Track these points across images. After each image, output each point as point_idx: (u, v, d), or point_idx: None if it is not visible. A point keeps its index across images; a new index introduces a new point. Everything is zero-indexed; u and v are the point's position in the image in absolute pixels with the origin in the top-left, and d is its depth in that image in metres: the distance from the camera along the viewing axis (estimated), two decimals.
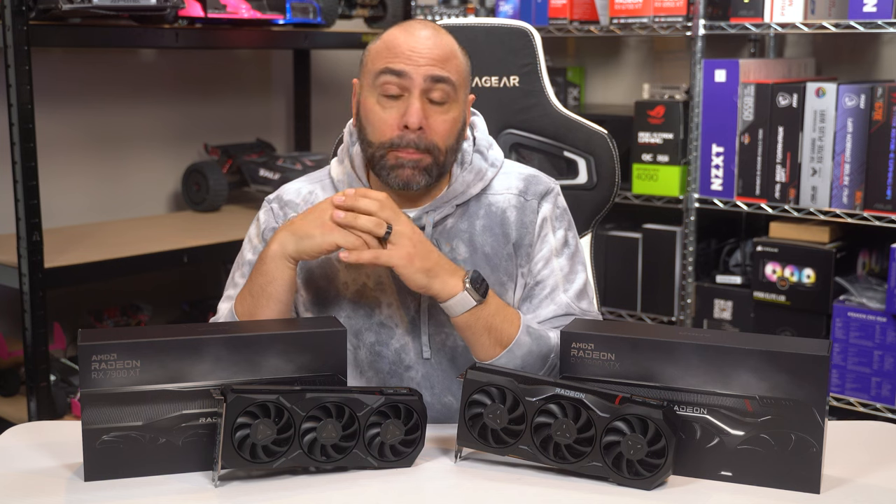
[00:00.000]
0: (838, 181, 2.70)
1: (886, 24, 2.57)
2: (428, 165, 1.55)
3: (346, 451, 1.37)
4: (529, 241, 1.65)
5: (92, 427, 1.33)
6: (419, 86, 1.52)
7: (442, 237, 1.63)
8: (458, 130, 1.59)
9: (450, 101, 1.55)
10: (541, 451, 1.37)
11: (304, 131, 3.66)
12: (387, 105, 1.54)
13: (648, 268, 3.14)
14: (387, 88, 1.54)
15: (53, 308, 2.82)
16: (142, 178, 3.33)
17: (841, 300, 2.76)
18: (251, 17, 2.93)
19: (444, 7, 3.46)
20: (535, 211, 1.65)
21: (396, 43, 1.55)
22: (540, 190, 1.67)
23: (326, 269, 1.64)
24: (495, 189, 1.67)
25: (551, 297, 1.64)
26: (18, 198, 2.46)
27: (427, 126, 1.53)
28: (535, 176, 1.70)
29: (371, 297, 1.62)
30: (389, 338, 1.62)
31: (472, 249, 1.63)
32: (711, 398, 1.35)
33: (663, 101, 3.03)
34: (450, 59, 1.55)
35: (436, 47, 1.54)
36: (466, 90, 1.61)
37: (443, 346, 1.62)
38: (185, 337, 1.36)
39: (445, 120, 1.55)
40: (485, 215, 1.64)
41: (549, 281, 1.65)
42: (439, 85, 1.53)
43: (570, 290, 1.65)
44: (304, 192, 1.68)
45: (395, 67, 1.53)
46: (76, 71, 3.11)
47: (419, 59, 1.52)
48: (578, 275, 1.68)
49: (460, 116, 1.58)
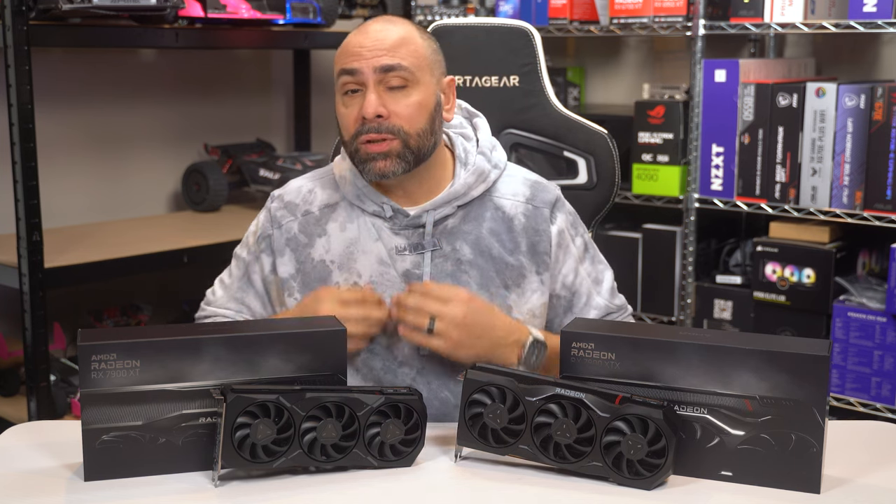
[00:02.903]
0: (838, 181, 2.70)
1: (886, 24, 2.57)
2: (399, 152, 1.57)
3: (346, 450, 1.37)
4: (544, 250, 1.66)
5: (92, 427, 1.33)
6: (371, 78, 1.56)
7: (444, 237, 1.64)
8: (429, 113, 1.60)
9: (410, 86, 1.57)
10: (541, 450, 1.37)
11: (304, 131, 3.66)
12: (349, 103, 1.59)
13: (648, 268, 3.14)
14: (345, 88, 1.59)
15: (53, 308, 2.82)
16: (142, 178, 3.33)
17: (841, 300, 2.76)
18: (251, 17, 2.93)
19: (444, 7, 3.46)
20: (547, 220, 1.67)
21: (347, 43, 1.60)
22: (548, 198, 1.69)
23: (321, 272, 1.65)
24: (501, 192, 1.68)
25: (589, 304, 1.70)
26: (18, 198, 2.46)
27: (390, 113, 1.56)
28: (538, 182, 1.71)
29: None
30: (381, 335, 1.62)
31: (477, 251, 1.64)
32: (712, 398, 1.35)
33: (663, 101, 3.03)
34: (400, 45, 1.57)
35: (384, 38, 1.57)
36: (432, 72, 1.61)
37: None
38: (184, 337, 1.36)
39: (408, 104, 1.57)
40: (491, 218, 1.66)
41: (582, 289, 1.70)
42: (393, 72, 1.56)
43: (603, 291, 1.72)
44: (304, 191, 1.72)
45: (347, 66, 1.58)
46: (76, 71, 3.11)
47: (366, 54, 1.56)
48: (604, 273, 1.74)
49: (428, 99, 1.59)
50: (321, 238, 1.66)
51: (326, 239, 1.66)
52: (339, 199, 1.68)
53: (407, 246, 1.63)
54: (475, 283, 1.63)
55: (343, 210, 1.67)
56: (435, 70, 1.63)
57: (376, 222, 1.64)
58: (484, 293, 1.63)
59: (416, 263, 1.63)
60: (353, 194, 1.66)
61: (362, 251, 1.64)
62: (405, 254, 1.63)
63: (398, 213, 1.63)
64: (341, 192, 1.68)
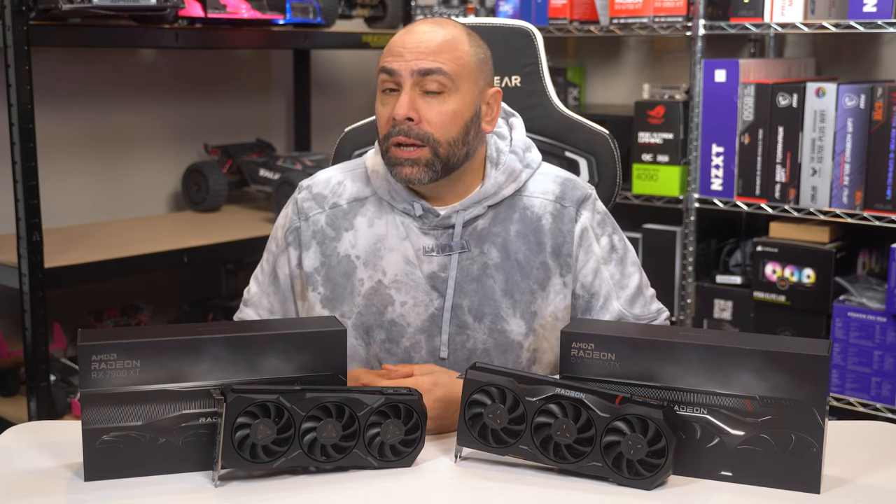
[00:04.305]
0: (838, 181, 2.70)
1: (886, 24, 2.57)
2: (428, 160, 1.55)
3: (346, 451, 1.37)
4: (568, 251, 1.64)
5: (92, 427, 1.33)
6: (408, 80, 1.54)
7: (473, 239, 1.62)
8: (464, 123, 1.57)
9: (446, 92, 1.55)
10: (541, 451, 1.37)
11: (304, 131, 3.66)
12: (385, 101, 1.58)
13: (648, 268, 3.11)
14: (384, 86, 1.57)
15: (53, 308, 2.82)
16: (142, 178, 3.33)
17: (841, 300, 2.76)
18: (251, 17, 2.93)
19: (444, 7, 3.45)
20: (573, 219, 1.65)
21: (392, 42, 1.58)
22: (578, 196, 1.66)
23: (346, 266, 1.64)
24: (530, 191, 1.66)
25: (605, 307, 1.66)
26: (18, 198, 2.46)
27: (421, 119, 1.54)
28: (571, 180, 1.69)
29: (385, 295, 1.62)
30: (400, 336, 1.62)
31: (504, 255, 1.62)
32: (712, 398, 1.35)
33: (663, 101, 3.03)
34: (444, 50, 1.55)
35: (429, 41, 1.55)
36: (475, 81, 1.58)
37: (462, 346, 1.62)
38: (185, 337, 1.36)
39: (442, 111, 1.55)
40: (519, 220, 1.64)
41: (601, 291, 1.66)
42: (431, 76, 1.54)
43: (623, 297, 1.67)
44: (333, 183, 1.70)
45: (387, 66, 1.56)
46: (76, 71, 3.11)
47: (407, 55, 1.55)
48: (630, 278, 1.69)
49: (465, 108, 1.57)
50: (348, 232, 1.65)
51: (353, 233, 1.64)
52: (370, 193, 1.66)
53: (435, 247, 1.62)
54: (500, 288, 1.61)
55: (372, 205, 1.65)
56: (479, 79, 1.59)
57: (405, 220, 1.63)
58: (508, 298, 1.62)
59: (443, 266, 1.61)
60: (384, 190, 1.64)
61: (389, 249, 1.62)
62: (432, 255, 1.61)
63: (428, 213, 1.62)
64: (372, 187, 1.66)
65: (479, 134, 1.62)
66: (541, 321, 1.63)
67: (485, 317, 1.61)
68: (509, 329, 1.61)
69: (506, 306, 1.61)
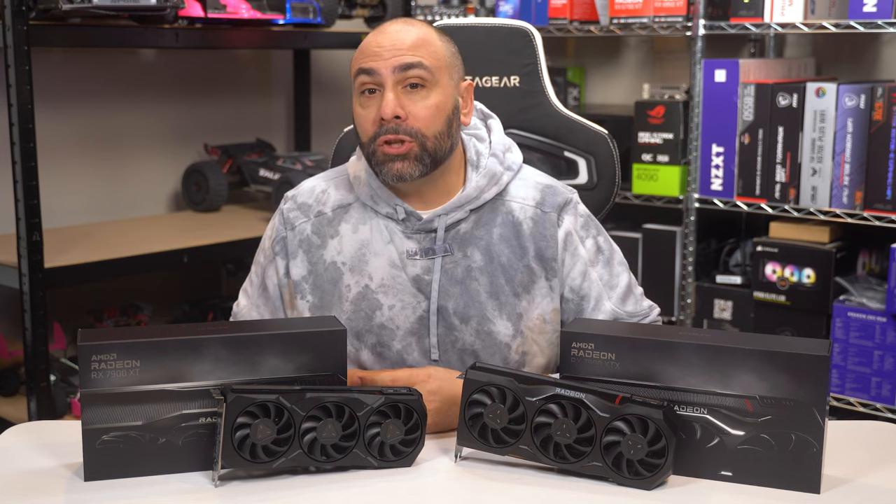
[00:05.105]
0: (838, 181, 2.70)
1: (886, 24, 2.57)
2: (417, 154, 1.56)
3: (346, 450, 1.37)
4: (552, 255, 1.64)
5: (92, 427, 1.33)
6: (389, 78, 1.55)
7: (455, 243, 1.63)
8: (447, 116, 1.58)
9: (428, 86, 1.56)
10: (541, 451, 1.37)
11: (304, 131, 3.66)
12: (366, 104, 1.58)
13: (648, 268, 3.14)
14: (363, 87, 1.58)
15: (53, 308, 2.82)
16: (142, 178, 3.33)
17: (841, 300, 2.76)
18: (251, 17, 2.93)
19: (444, 7, 3.45)
20: (554, 224, 1.65)
21: (366, 43, 1.59)
22: (558, 202, 1.67)
23: (332, 273, 1.64)
24: (512, 195, 1.66)
25: (598, 308, 1.66)
26: (18, 198, 2.46)
27: (407, 115, 1.55)
28: (551, 186, 1.69)
29: (372, 299, 1.62)
30: (391, 339, 1.62)
31: (487, 258, 1.63)
32: (711, 398, 1.35)
33: (663, 101, 3.03)
34: (420, 45, 1.56)
35: (404, 38, 1.56)
36: (450, 75, 1.60)
37: (452, 347, 1.62)
38: (184, 337, 1.36)
39: (426, 106, 1.56)
40: (502, 223, 1.64)
41: (591, 293, 1.67)
42: (412, 71, 1.55)
43: (614, 297, 1.68)
44: (318, 192, 1.70)
45: (365, 66, 1.56)
46: (76, 71, 3.11)
47: (385, 53, 1.55)
48: (619, 277, 1.70)
49: (446, 102, 1.58)
50: (333, 239, 1.65)
51: (339, 240, 1.65)
52: (353, 199, 1.67)
53: (418, 250, 1.62)
54: (485, 291, 1.62)
55: (356, 211, 1.66)
56: (454, 73, 1.61)
57: (389, 224, 1.63)
58: (493, 301, 1.62)
59: (427, 269, 1.62)
60: (366, 195, 1.64)
61: (374, 254, 1.63)
62: (416, 258, 1.62)
63: (410, 216, 1.62)
64: (355, 193, 1.67)
65: (460, 127, 1.65)
66: (528, 323, 1.63)
67: (471, 319, 1.61)
68: (496, 330, 1.62)
69: (491, 308, 1.62)
